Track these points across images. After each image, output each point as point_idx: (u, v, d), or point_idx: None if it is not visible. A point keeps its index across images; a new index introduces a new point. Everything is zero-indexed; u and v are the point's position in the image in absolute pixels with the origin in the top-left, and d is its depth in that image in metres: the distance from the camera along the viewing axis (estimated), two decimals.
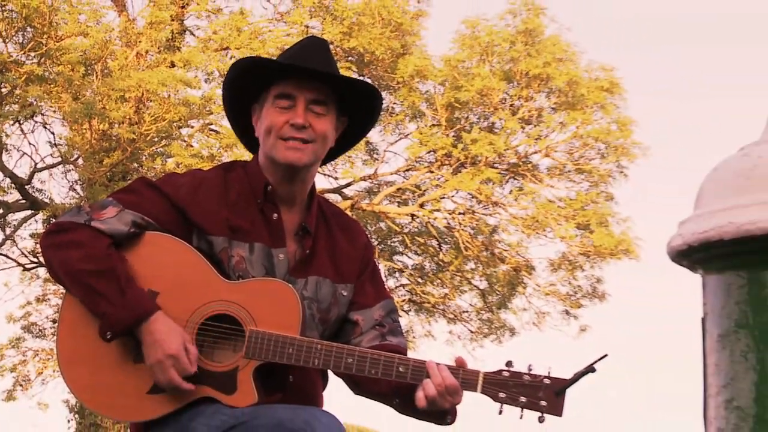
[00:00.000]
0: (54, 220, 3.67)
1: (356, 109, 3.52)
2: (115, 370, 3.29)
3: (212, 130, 19.92)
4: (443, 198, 21.80)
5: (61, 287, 3.42)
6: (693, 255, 1.32)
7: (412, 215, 21.85)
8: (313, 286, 3.40)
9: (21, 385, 22.05)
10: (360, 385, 3.46)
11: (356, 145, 4.02)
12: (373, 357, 3.20)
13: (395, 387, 3.29)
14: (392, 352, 3.28)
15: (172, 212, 3.35)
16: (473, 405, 3.29)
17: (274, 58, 3.43)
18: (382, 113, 21.35)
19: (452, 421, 3.30)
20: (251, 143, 3.56)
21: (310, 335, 3.32)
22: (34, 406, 21.91)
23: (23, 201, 20.85)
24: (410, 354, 3.37)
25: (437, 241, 22.34)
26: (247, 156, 3.96)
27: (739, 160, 1.30)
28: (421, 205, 21.77)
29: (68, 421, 21.98)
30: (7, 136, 19.92)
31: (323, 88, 3.36)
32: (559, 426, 3.33)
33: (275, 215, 3.40)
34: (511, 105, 21.20)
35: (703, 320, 1.35)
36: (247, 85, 3.44)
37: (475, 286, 22.80)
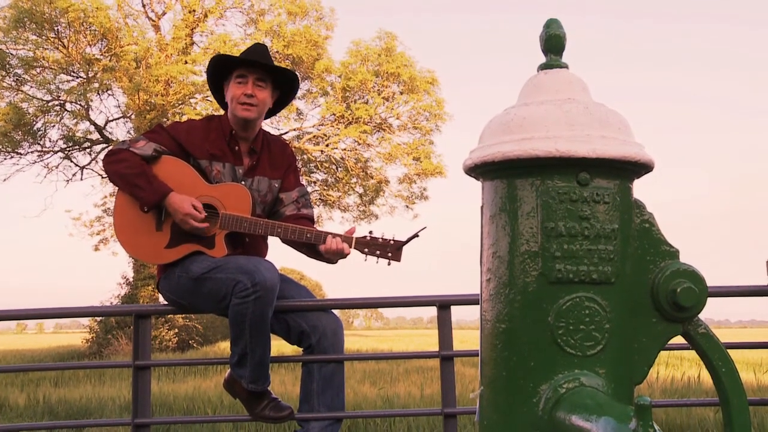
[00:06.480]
0: (109, 148, 3.56)
1: (286, 86, 3.40)
2: (147, 234, 3.19)
3: (207, 100, 19.72)
4: (339, 141, 21.82)
5: (114, 186, 3.29)
6: (477, 170, 1.31)
7: (322, 151, 21.82)
8: (257, 183, 3.28)
9: (102, 242, 22.17)
10: (286, 242, 3.40)
11: (287, 106, 3.96)
12: (292, 228, 3.13)
13: (305, 243, 3.21)
14: (305, 220, 3.27)
15: (175, 144, 3.23)
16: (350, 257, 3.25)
17: (236, 56, 3.28)
18: (305, 92, 21.38)
19: (336, 262, 3.24)
20: (223, 104, 3.42)
21: (258, 209, 3.26)
22: (110, 254, 22.30)
23: (101, 138, 21.20)
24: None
25: (335, 165, 22.34)
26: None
27: (503, 116, 1.31)
28: (327, 145, 21.78)
29: (128, 263, 22.33)
30: (91, 101, 20.29)
31: (264, 72, 3.26)
32: (399, 266, 3.31)
33: (237, 147, 3.29)
34: (378, 90, 21.25)
35: (482, 207, 1.36)
36: (221, 70, 3.31)
37: (356, 191, 22.90)
